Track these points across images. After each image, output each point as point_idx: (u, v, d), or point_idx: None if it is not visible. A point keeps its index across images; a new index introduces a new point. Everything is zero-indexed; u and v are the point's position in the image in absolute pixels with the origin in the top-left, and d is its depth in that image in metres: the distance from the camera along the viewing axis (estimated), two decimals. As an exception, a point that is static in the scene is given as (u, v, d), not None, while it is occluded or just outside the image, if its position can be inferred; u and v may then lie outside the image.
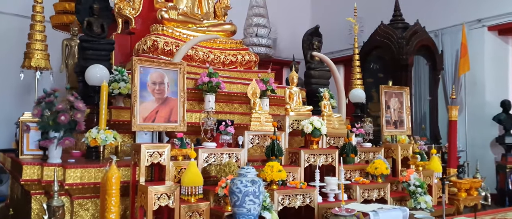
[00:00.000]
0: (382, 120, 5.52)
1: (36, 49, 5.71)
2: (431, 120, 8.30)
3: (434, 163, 5.29)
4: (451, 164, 5.61)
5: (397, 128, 5.66)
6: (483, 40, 8.58)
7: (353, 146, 4.80)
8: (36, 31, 5.85)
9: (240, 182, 2.92)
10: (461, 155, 8.42)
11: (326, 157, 4.48)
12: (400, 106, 5.73)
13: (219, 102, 5.86)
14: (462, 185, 5.28)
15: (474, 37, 8.71)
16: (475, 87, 8.70)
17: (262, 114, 4.45)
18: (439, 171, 5.30)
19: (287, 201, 3.84)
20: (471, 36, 8.73)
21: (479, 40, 8.60)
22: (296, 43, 11.02)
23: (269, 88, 5.89)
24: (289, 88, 4.87)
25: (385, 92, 5.59)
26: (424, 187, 4.56)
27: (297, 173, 4.22)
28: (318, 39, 7.35)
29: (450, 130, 5.68)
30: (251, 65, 7.03)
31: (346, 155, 4.76)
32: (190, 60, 6.30)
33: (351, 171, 4.72)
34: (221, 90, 5.62)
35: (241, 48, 7.04)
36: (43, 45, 5.83)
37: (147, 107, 3.72)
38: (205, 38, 5.86)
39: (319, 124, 4.42)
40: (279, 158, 4.16)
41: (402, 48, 7.65)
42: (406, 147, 5.44)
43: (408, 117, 5.77)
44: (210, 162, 3.97)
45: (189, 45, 4.92)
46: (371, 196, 4.46)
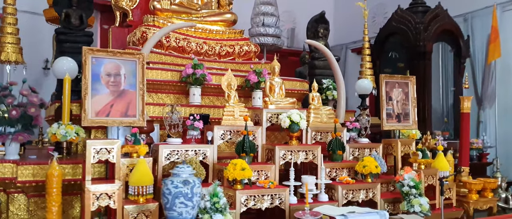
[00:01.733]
0: (382, 113, 5.00)
1: (6, 42, 5.59)
2: (455, 113, 7.57)
3: (440, 161, 4.71)
4: (462, 162, 4.98)
5: (401, 122, 5.12)
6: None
7: (340, 142, 4.34)
8: (7, 24, 5.71)
9: (170, 182, 2.61)
10: (490, 152, 7.66)
11: (307, 154, 4.07)
12: (405, 98, 5.17)
13: (209, 96, 5.57)
14: (473, 185, 4.67)
15: (507, 20, 7.86)
16: (508, 75, 7.86)
17: (236, 108, 4.09)
18: (446, 170, 4.71)
19: (252, 202, 3.49)
20: (504, 18, 7.88)
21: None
22: None
23: (262, 80, 5.51)
24: (270, 79, 4.49)
25: (386, 82, 5.05)
26: (419, 188, 4.04)
27: (271, 172, 3.85)
28: (324, 26, 6.88)
29: (462, 124, 5.05)
30: (250, 56, 6.67)
31: (332, 152, 4.32)
32: (182, 52, 6.05)
33: (337, 169, 4.27)
34: (208, 83, 5.32)
35: (240, 38, 6.70)
36: (15, 38, 5.70)
37: (100, 101, 3.50)
38: (176, 27, 5.57)
39: (297, 117, 4.02)
40: (251, 155, 3.81)
41: (419, 34, 6.99)
42: (408, 143, 4.90)
43: (413, 110, 5.20)
44: (174, 160, 3.68)
45: (158, 35, 4.64)
46: (357, 197, 4.00)
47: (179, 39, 6.03)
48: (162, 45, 5.91)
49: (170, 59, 5.84)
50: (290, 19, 11.29)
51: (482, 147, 7.17)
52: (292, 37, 11.21)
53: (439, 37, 7.47)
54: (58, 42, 4.81)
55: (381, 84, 5.02)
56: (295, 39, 11.20)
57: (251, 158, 3.82)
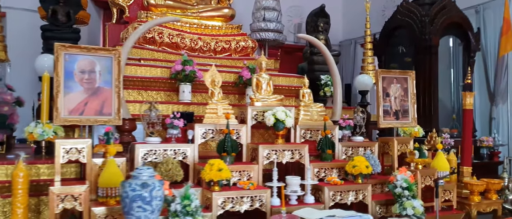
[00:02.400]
0: (379, 110, 4.75)
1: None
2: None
3: (439, 160, 4.46)
4: (464, 162, 4.70)
5: (399, 119, 4.86)
6: (531, 14, 7.32)
7: (330, 141, 4.14)
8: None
9: (128, 185, 2.47)
10: (502, 150, 7.30)
11: (293, 154, 3.88)
12: (404, 94, 4.92)
13: (202, 93, 5.42)
14: (475, 186, 4.39)
15: (520, 10, 7.47)
16: (521, 70, 7.48)
17: (220, 105, 3.93)
18: (446, 170, 4.45)
19: (230, 205, 3.32)
20: (518, 8, 7.50)
21: (528, 14, 7.35)
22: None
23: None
24: (258, 75, 4.30)
25: (383, 77, 4.81)
26: (413, 189, 3.80)
27: (253, 172, 3.67)
28: (324, 20, 6.65)
29: (465, 122, 4.76)
30: (247, 52, 6.50)
31: (321, 151, 4.12)
32: (176, 48, 5.92)
33: (327, 169, 4.07)
34: (199, 80, 5.17)
35: (237, 34, 6.53)
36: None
37: (73, 99, 3.38)
38: (161, 21, 5.42)
39: (283, 115, 3.83)
40: (232, 155, 3.64)
41: (425, 27, 6.68)
42: (406, 141, 4.65)
43: (413, 106, 4.94)
44: (151, 160, 3.54)
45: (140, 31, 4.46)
46: (346, 199, 3.79)
47: (172, 35, 5.91)
48: (155, 41, 5.80)
49: (162, 56, 5.72)
50: (298, 14, 11.03)
51: (493, 145, 6.83)
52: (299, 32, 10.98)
53: (447, 30, 7.13)
54: (44, 39, 4.74)
55: (377, 80, 4.78)
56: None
57: (233, 158, 3.66)
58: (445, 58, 7.44)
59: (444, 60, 7.45)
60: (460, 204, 4.49)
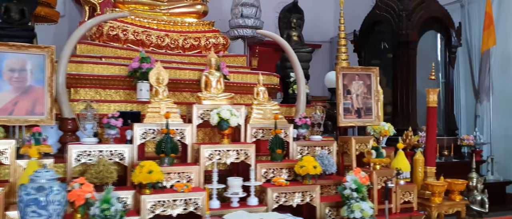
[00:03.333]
0: (339, 108, 4.59)
1: None
2: (445, 107, 7.01)
3: (399, 160, 4.28)
4: (428, 162, 4.50)
5: (361, 117, 4.69)
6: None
7: (280, 140, 3.98)
8: None
9: (24, 189, 2.36)
10: (484, 149, 7.07)
11: (238, 154, 3.73)
12: (367, 91, 4.74)
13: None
14: (436, 187, 4.19)
15: (506, 4, 7.21)
16: (506, 66, 7.23)
17: (163, 103, 3.79)
18: (406, 170, 4.28)
19: (161, 208, 3.19)
20: (503, 4, 7.23)
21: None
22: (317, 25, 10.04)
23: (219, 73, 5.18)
24: (208, 72, 4.16)
25: (344, 74, 4.64)
26: (362, 191, 3.64)
27: (194, 174, 3.54)
28: (298, 16, 6.47)
29: (428, 120, 4.55)
30: (218, 49, 6.35)
31: (271, 151, 3.97)
32: (142, 45, 5.79)
33: (276, 170, 3.91)
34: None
35: (208, 31, 6.39)
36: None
37: (1, 98, 3.28)
38: (109, 17, 5.29)
39: (227, 114, 3.69)
40: (171, 155, 3.51)
41: (402, 22, 6.48)
42: (365, 140, 4.47)
43: (376, 104, 4.76)
44: (86, 161, 3.43)
45: (84, 27, 4.31)
46: (291, 201, 3.64)
47: (137, 32, 5.79)
48: (119, 39, 5.68)
49: (126, 53, 5.60)
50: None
51: (473, 144, 6.61)
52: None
53: (426, 25, 6.90)
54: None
55: (337, 77, 4.61)
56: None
57: (172, 159, 3.52)
58: (426, 54, 7.22)
59: (426, 56, 7.23)
60: (422, 206, 4.30)
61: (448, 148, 6.48)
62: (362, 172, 3.90)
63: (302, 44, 6.31)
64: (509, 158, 6.96)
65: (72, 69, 4.76)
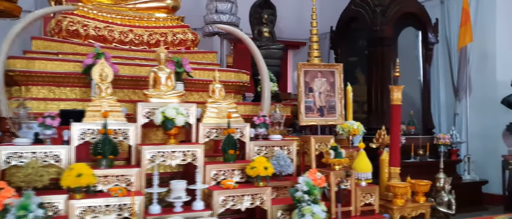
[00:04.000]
0: (300, 106, 4.40)
1: None
2: (422, 105, 6.83)
3: (360, 161, 4.09)
4: (392, 162, 4.31)
5: (324, 116, 4.51)
6: (494, 4, 6.87)
7: (232, 140, 3.79)
8: None
9: None
10: (460, 148, 6.90)
11: (185, 155, 3.54)
12: (330, 88, 4.55)
13: (124, 89, 5.08)
14: (398, 189, 4.01)
15: (484, 0, 7.03)
16: (484, 63, 7.05)
17: (105, 102, 3.59)
18: (367, 171, 4.09)
19: (92, 215, 3.00)
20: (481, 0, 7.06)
21: (490, 4, 6.91)
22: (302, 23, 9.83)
23: (180, 70, 4.98)
24: (157, 68, 3.96)
25: (305, 71, 4.44)
26: (314, 193, 3.45)
27: (134, 177, 3.34)
28: (270, 12, 6.28)
29: (393, 118, 4.37)
30: (187, 45, 6.14)
31: (223, 152, 3.78)
32: (104, 41, 5.58)
33: (227, 172, 3.72)
34: (121, 75, 4.83)
35: (176, 26, 6.17)
36: None
37: None
38: (50, 10, 5.09)
39: (173, 113, 3.49)
40: (109, 157, 3.31)
41: (376, 18, 6.29)
42: (325, 139, 4.28)
43: (340, 102, 4.57)
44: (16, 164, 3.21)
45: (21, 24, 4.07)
46: (240, 204, 3.45)
47: (99, 28, 5.57)
48: (79, 34, 5.47)
49: (86, 49, 5.39)
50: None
51: (449, 143, 6.43)
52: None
53: (402, 21, 6.72)
54: None
55: (298, 74, 4.42)
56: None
57: (111, 161, 3.32)
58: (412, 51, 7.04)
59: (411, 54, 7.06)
60: (384, 208, 4.12)
61: (423, 147, 6.31)
62: (318, 173, 3.72)
63: (273, 41, 6.11)
64: (487, 157, 6.79)
65: (23, 65, 4.56)
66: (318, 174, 3.71)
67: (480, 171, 6.88)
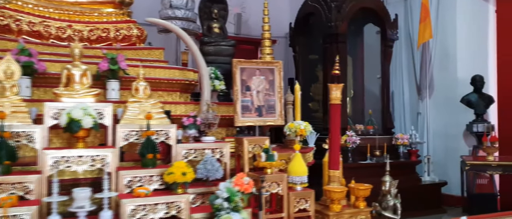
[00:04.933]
0: (236, 106, 4.13)
1: None
2: (381, 103, 6.61)
3: (294, 164, 3.83)
4: (332, 165, 4.05)
5: (262, 116, 4.24)
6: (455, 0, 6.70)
7: (152, 143, 3.50)
8: None
9: None
10: (421, 148, 6.71)
11: (94, 160, 3.24)
12: (269, 87, 4.29)
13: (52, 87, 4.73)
14: (334, 194, 3.76)
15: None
16: (446, 60, 6.87)
17: (7, 102, 3.27)
18: (302, 175, 3.84)
19: (-25, 227, 2.70)
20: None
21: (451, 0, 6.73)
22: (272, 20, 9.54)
23: (114, 67, 4.67)
24: (71, 66, 3.65)
25: (242, 68, 4.17)
26: (235, 200, 3.18)
27: (34, 184, 3.03)
28: (221, 7, 5.99)
29: (331, 118, 4.11)
30: (132, 41, 5.82)
31: (141, 156, 3.49)
32: (40, 37, 5.25)
33: (144, 178, 3.43)
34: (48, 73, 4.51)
35: (120, 21, 5.85)
36: None
37: None
38: None
39: (79, 114, 3.19)
40: (5, 163, 3.00)
41: (331, 14, 6.05)
42: (260, 141, 4.00)
43: (280, 101, 4.31)
44: None
45: None
46: (153, 214, 3.15)
47: (33, 23, 5.23)
48: (11, 29, 5.12)
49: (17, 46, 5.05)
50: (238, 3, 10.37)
51: (408, 143, 6.23)
52: (239, 23, 10.32)
53: (360, 18, 6.52)
54: None
55: (234, 71, 4.15)
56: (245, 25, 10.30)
57: (7, 167, 3.01)
58: (376, 49, 6.84)
59: (376, 51, 6.86)
60: (321, 214, 3.87)
61: (381, 148, 6.10)
62: (245, 178, 3.45)
63: (224, 37, 5.83)
64: (449, 157, 6.61)
65: None
66: (246, 178, 3.45)
67: (441, 172, 6.70)
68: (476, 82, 6.14)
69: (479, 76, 6.15)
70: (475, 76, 6.17)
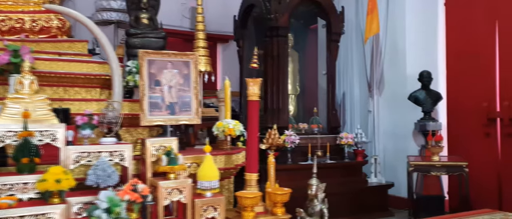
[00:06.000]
0: (143, 103, 3.69)
1: None
2: (327, 101, 6.26)
3: (204, 167, 3.42)
4: (249, 167, 3.66)
5: (175, 114, 3.81)
6: (404, -10, 6.42)
7: (29, 145, 3.03)
8: None
9: None
10: (368, 148, 6.40)
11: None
12: (183, 82, 3.86)
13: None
14: (245, 200, 3.36)
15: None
16: (395, 56, 6.58)
17: None
18: (213, 180, 3.43)
19: None
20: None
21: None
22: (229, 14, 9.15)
23: (16, 61, 4.16)
24: None
25: (150, 61, 3.73)
26: (116, 211, 2.75)
27: None
28: (151, -5, 5.50)
29: (249, 115, 3.72)
30: (52, 33, 5.31)
31: (16, 161, 3.02)
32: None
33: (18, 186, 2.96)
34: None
35: (39, 11, 5.34)
36: None
37: None
38: None
39: None
40: None
41: (270, 5, 5.67)
42: (165, 142, 3.57)
43: (196, 98, 3.89)
44: None
45: None
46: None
47: None
48: None
49: None
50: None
51: (352, 143, 5.89)
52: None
53: (303, 10, 6.15)
54: None
55: (141, 64, 3.71)
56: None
57: None
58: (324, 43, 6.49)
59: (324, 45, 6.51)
60: (233, 223, 3.48)
61: (323, 148, 5.74)
62: (139, 185, 3.02)
63: (154, 28, 5.36)
64: (399, 158, 6.31)
65: None
66: (140, 185, 3.02)
67: (391, 172, 6.42)
68: (423, 78, 5.85)
69: (426, 72, 5.86)
70: (423, 72, 5.89)
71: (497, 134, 5.42)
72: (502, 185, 5.35)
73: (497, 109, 5.41)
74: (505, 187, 5.32)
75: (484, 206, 5.19)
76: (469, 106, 5.76)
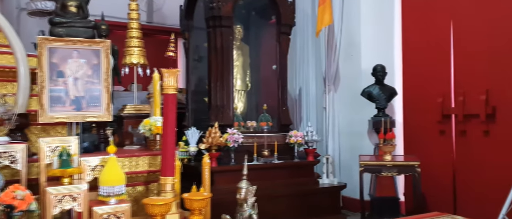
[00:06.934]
0: (42, 97, 3.21)
1: None
2: (277, 97, 5.86)
3: (107, 170, 2.97)
4: (164, 171, 3.22)
5: (82, 109, 3.34)
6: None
7: None
8: None
9: None
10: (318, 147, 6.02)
11: None
12: (92, 73, 3.40)
13: None
14: (153, 208, 2.92)
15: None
16: (351, 49, 6.24)
17: None
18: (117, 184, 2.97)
19: None
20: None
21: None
22: None
23: None
24: None
25: (52, 49, 3.26)
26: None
27: None
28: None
29: (165, 110, 3.27)
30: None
31: None
32: None
33: None
34: None
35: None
36: None
37: None
38: None
39: None
40: None
41: (212, -7, 5.24)
42: (66, 141, 3.11)
43: (107, 91, 3.43)
44: None
45: None
46: None
47: None
48: None
49: None
50: (150, -11, 9.46)
51: (302, 142, 5.50)
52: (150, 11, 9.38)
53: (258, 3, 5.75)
54: None
55: (40, 52, 3.23)
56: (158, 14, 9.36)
57: None
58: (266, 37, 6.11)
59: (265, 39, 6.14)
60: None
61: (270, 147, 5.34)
62: (19, 192, 2.56)
63: (83, 17, 4.86)
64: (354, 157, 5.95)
65: None
66: (20, 192, 2.55)
67: (346, 172, 6.08)
68: (377, 73, 5.52)
69: (380, 66, 5.52)
70: (376, 66, 5.55)
71: (452, 132, 5.12)
72: (457, 185, 5.06)
73: (452, 105, 5.11)
74: (460, 187, 5.02)
75: (439, 208, 4.91)
76: (425, 102, 5.44)
